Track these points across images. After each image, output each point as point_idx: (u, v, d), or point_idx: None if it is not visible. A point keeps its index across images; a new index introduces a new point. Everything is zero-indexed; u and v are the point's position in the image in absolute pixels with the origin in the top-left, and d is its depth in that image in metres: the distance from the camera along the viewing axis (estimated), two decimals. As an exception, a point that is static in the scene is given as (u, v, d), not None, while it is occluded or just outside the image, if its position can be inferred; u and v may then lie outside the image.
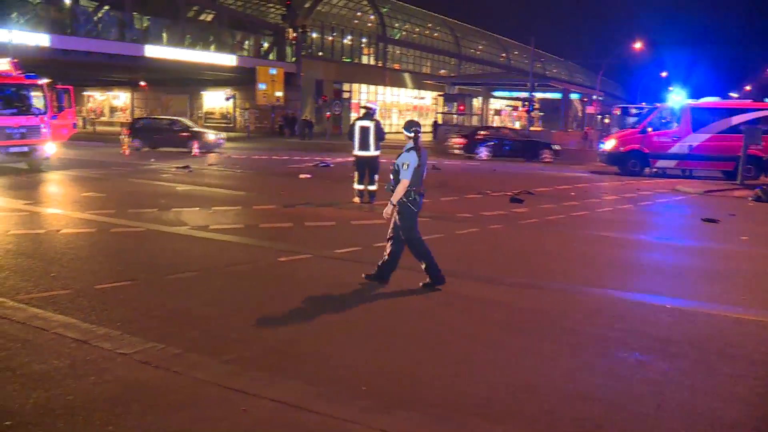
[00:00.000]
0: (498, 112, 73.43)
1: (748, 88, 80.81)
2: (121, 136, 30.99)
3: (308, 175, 20.48)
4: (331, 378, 5.03)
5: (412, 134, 7.61)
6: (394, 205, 7.54)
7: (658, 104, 27.79)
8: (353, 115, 50.61)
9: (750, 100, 28.15)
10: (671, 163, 25.09)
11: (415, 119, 8.35)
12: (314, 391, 4.74)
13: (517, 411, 4.58)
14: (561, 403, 4.70)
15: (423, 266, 7.68)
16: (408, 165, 7.42)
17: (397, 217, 7.58)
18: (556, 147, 33.30)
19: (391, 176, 7.64)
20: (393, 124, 66.89)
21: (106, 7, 43.97)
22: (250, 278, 8.01)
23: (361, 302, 7.13)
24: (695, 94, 27.61)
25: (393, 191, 7.56)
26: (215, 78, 51.34)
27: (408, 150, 7.53)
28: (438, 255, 8.66)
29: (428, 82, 67.91)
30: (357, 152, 14.65)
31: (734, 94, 66.76)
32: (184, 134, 32.02)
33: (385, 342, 5.88)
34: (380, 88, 65.99)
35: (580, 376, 5.21)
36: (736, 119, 24.07)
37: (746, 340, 6.14)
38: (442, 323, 6.48)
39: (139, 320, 6.21)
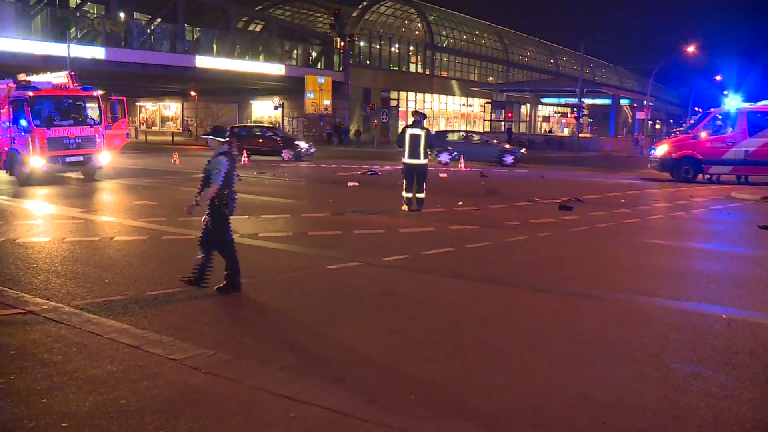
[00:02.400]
0: (546, 119, 72.85)
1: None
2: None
3: (356, 183, 20.56)
4: (383, 385, 5.01)
5: (226, 139, 7.52)
6: (199, 205, 7.47)
7: (713, 109, 27.18)
8: (401, 123, 50.79)
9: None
10: (726, 169, 24.45)
11: (220, 125, 8.29)
12: (365, 399, 4.73)
13: (571, 422, 4.50)
14: (616, 414, 4.61)
15: (225, 271, 7.57)
16: (219, 169, 7.34)
17: (209, 221, 7.49)
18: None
19: (201, 182, 7.57)
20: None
21: (159, 20, 44.98)
22: (300, 285, 8.04)
23: (411, 310, 7.09)
24: (751, 98, 26.91)
25: (200, 195, 7.50)
26: (264, 87, 52.09)
27: (219, 155, 7.43)
28: (487, 263, 8.61)
29: (476, 89, 67.70)
30: (407, 160, 14.58)
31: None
32: (278, 142, 32.56)
33: (437, 350, 5.84)
34: (428, 95, 66.03)
35: (635, 387, 5.09)
36: (794, 123, 23.36)
37: (808, 352, 5.93)
38: (495, 332, 6.41)
39: (190, 326, 6.29)
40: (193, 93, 54.73)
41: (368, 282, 8.35)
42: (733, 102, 25.77)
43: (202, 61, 43.85)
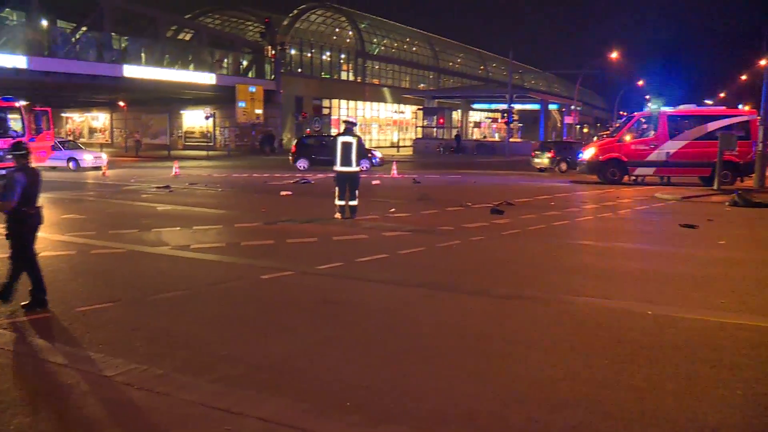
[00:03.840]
0: (477, 124, 73.88)
1: (722, 95, 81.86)
2: (290, 156, 31.85)
3: (289, 192, 20.47)
4: (319, 394, 5.01)
5: (23, 151, 7.29)
6: None
7: (636, 113, 28.07)
8: (334, 131, 50.78)
9: (724, 107, 28.52)
10: (649, 171, 25.30)
11: (22, 143, 7.91)
12: (301, 408, 4.72)
13: (504, 421, 4.58)
14: (548, 411, 4.71)
15: (30, 288, 7.30)
16: (13, 186, 7.10)
17: (8, 235, 7.27)
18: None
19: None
20: (373, 139, 67.15)
21: (84, 28, 43.86)
22: (234, 296, 7.98)
23: (345, 317, 7.12)
24: (672, 102, 27.91)
25: None
26: (195, 97, 51.34)
27: (16, 171, 7.22)
28: (421, 268, 8.68)
29: (408, 96, 68.25)
30: (339, 168, 14.63)
31: (709, 102, 67.56)
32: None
33: (373, 356, 5.87)
34: (360, 103, 66.22)
35: (566, 384, 5.22)
36: (711, 126, 24.36)
37: (728, 344, 6.19)
38: (429, 336, 6.48)
39: (122, 342, 6.17)
40: (122, 103, 53.51)
41: (302, 290, 8.33)
42: (654, 106, 26.65)
43: (131, 71, 42.91)
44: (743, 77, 72.09)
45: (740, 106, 27.94)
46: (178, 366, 5.54)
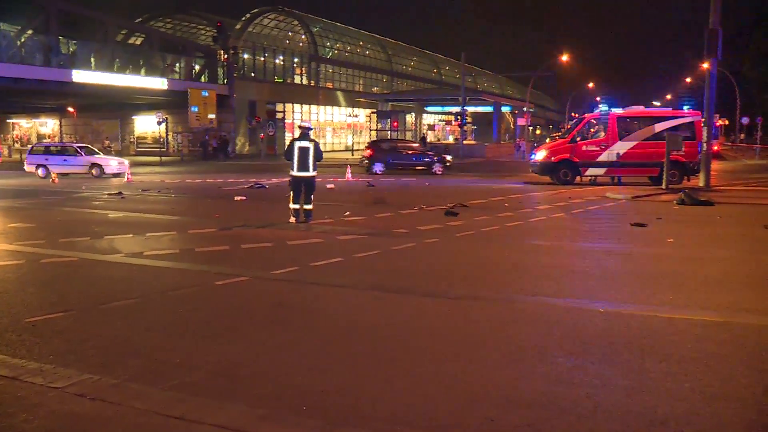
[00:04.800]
0: (431, 127, 74.32)
1: (669, 96, 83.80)
2: (362, 159, 32.05)
3: (243, 197, 20.33)
4: (275, 399, 4.99)
5: None
6: None
7: (587, 114, 28.57)
8: (288, 136, 50.55)
9: (670, 108, 29.24)
10: (600, 171, 25.77)
11: None
12: (258, 414, 4.69)
13: (461, 420, 4.62)
14: (504, 410, 4.77)
15: None
16: None
17: None
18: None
19: None
20: (327, 143, 67.03)
21: (30, 32, 42.86)
22: (189, 303, 7.89)
23: (301, 322, 7.09)
24: (621, 104, 28.52)
25: None
26: (147, 102, 50.66)
27: None
28: (376, 271, 8.70)
29: (361, 99, 68.30)
30: (296, 173, 14.64)
31: (656, 103, 69.11)
32: (428, 155, 33.23)
33: (328, 360, 5.86)
34: (314, 107, 66.06)
35: (522, 383, 5.29)
36: (659, 127, 24.95)
37: (677, 339, 6.34)
38: (385, 339, 6.50)
39: (74, 352, 6.05)
40: (71, 109, 52.50)
41: (257, 296, 8.29)
42: (604, 107, 27.20)
43: (80, 76, 42.05)
44: (688, 80, 73.94)
45: (685, 108, 28.63)
46: (132, 375, 5.46)
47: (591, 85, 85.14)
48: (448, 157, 34.41)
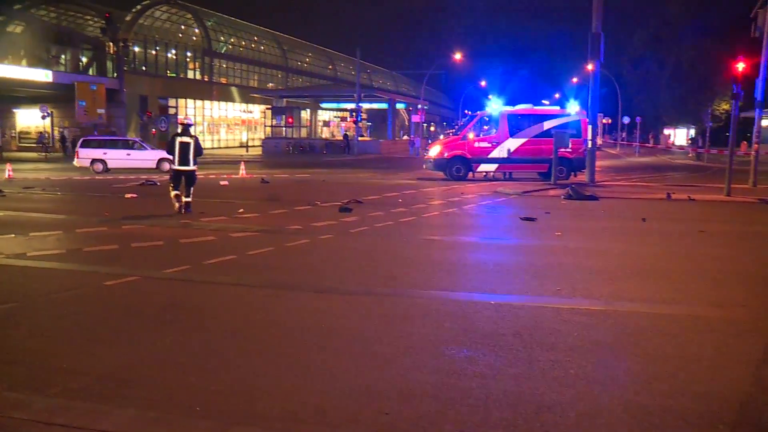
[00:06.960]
0: (327, 123, 74.21)
1: (557, 95, 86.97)
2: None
3: (134, 195, 19.67)
4: (167, 401, 4.82)
5: None
6: None
7: (479, 112, 29.26)
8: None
9: (558, 107, 30.40)
10: (492, 167, 26.48)
11: None
12: (148, 417, 4.52)
13: (356, 416, 4.61)
14: (398, 404, 4.78)
15: None
16: None
17: None
18: None
19: None
20: (222, 139, 65.89)
21: None
22: (75, 305, 7.52)
23: (193, 321, 6.90)
24: (512, 102, 29.34)
25: None
26: (29, 95, 48.18)
27: None
28: (270, 268, 8.59)
29: (256, 95, 67.47)
30: (177, 167, 15.53)
31: (546, 101, 71.56)
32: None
33: (220, 360, 5.72)
34: (207, 102, 64.79)
35: (415, 376, 5.33)
36: (547, 124, 25.89)
37: (564, 328, 6.56)
38: (277, 336, 6.41)
39: (-59, 360, 5.66)
40: (-59, 101, 49.32)
41: (148, 296, 8.01)
42: (496, 105, 27.96)
43: (-49, 66, 39.64)
44: (574, 79, 76.94)
45: (570, 102, 29.91)
46: (12, 384, 5.14)
47: (483, 83, 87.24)
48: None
